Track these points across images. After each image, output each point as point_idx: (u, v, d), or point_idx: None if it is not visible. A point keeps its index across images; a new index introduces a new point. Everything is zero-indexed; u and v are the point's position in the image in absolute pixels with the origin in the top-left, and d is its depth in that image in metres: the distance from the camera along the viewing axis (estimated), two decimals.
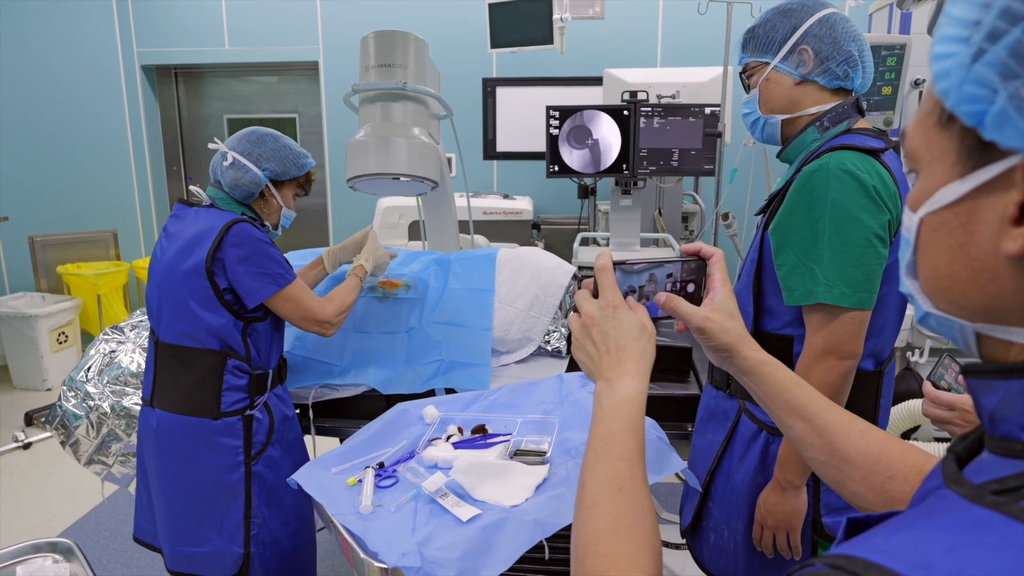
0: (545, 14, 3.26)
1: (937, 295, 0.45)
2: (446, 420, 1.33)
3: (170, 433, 1.58)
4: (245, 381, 1.58)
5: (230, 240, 1.50)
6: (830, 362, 1.16)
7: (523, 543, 0.95)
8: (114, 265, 4.61)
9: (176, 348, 1.56)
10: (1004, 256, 0.39)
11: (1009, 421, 0.41)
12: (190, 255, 1.51)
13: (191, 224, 1.57)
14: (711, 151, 2.84)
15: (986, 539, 0.34)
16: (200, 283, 1.51)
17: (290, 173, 1.67)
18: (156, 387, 1.61)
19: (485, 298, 2.00)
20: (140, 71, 4.74)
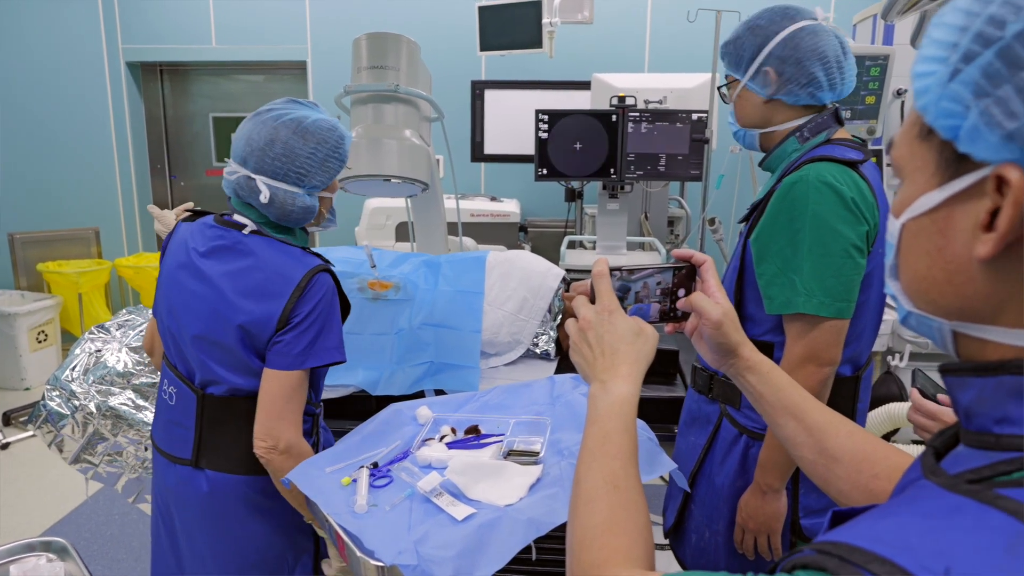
0: (534, 18, 3.28)
1: (917, 296, 0.48)
2: (439, 421, 1.34)
3: (229, 495, 1.34)
4: (309, 425, 1.38)
5: (312, 294, 1.25)
6: (810, 369, 1.20)
7: (518, 541, 0.96)
8: (96, 263, 4.56)
9: (234, 401, 1.31)
10: (976, 259, 0.42)
11: (983, 416, 0.44)
12: (259, 304, 1.24)
13: (256, 264, 1.27)
14: (698, 156, 2.88)
15: (962, 523, 0.37)
16: (268, 335, 1.25)
17: (337, 172, 1.33)
18: (203, 445, 1.33)
19: (474, 300, 2.02)
20: (125, 68, 4.70)
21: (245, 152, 1.27)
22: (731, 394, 1.35)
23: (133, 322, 2.22)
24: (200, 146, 5.06)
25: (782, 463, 1.24)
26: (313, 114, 1.30)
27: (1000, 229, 0.40)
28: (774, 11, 1.29)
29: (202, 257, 1.30)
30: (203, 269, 1.29)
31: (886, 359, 2.88)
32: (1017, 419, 0.41)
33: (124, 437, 1.99)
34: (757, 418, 1.31)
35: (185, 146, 5.07)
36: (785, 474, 1.26)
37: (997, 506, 0.37)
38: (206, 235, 1.33)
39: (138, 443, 1.97)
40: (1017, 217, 0.40)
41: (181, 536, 1.41)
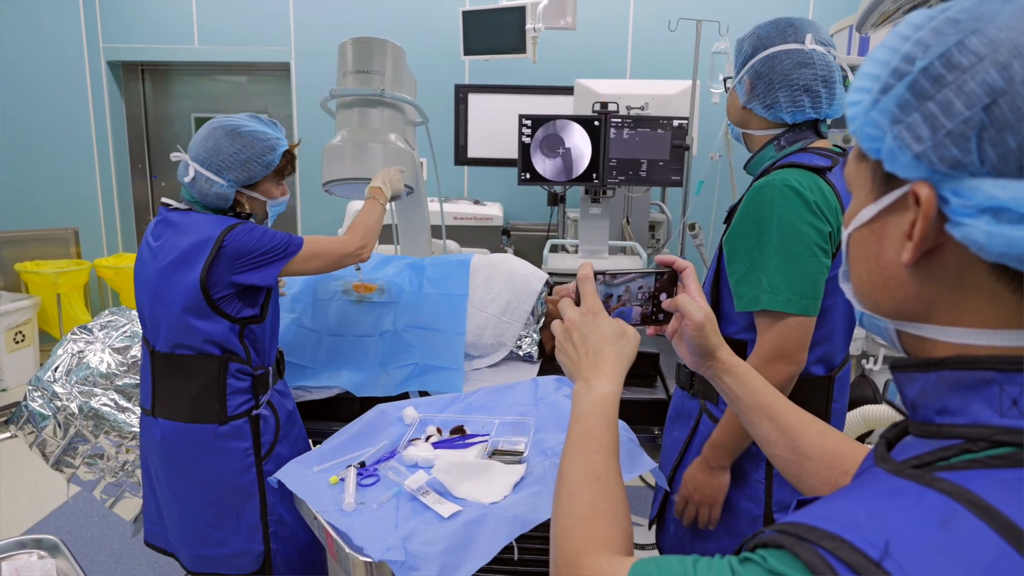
0: (518, 23, 3.31)
1: (863, 298, 0.54)
2: (425, 421, 1.36)
3: (176, 442, 1.55)
4: (248, 383, 1.57)
5: (225, 253, 1.47)
6: (778, 366, 1.24)
7: (502, 538, 0.99)
8: (75, 264, 4.51)
9: (174, 357, 1.53)
10: (904, 265, 0.48)
11: (927, 407, 0.48)
12: (186, 268, 1.47)
13: (184, 233, 1.51)
14: (679, 162, 2.93)
15: (903, 503, 0.41)
16: (195, 297, 1.48)
17: (257, 173, 1.56)
18: (156, 396, 1.58)
19: (459, 303, 2.04)
20: (106, 67, 4.66)
21: (190, 143, 1.58)
22: (710, 390, 1.39)
23: (116, 323, 2.21)
24: (181, 146, 5.00)
25: (733, 446, 1.30)
26: (257, 126, 1.57)
27: (915, 238, 0.46)
28: (778, 24, 1.34)
29: (152, 233, 1.58)
30: (150, 243, 1.56)
31: (860, 363, 2.95)
32: (956, 410, 0.46)
33: (106, 439, 1.98)
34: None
35: (166, 146, 5.03)
36: (734, 455, 1.32)
37: (934, 487, 0.41)
38: (162, 218, 1.59)
39: (119, 445, 1.97)
40: (927, 228, 0.45)
41: (154, 478, 1.65)
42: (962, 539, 0.38)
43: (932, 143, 0.44)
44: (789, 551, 0.41)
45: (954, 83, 0.43)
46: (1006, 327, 0.45)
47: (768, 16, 1.35)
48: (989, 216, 0.42)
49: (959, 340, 0.47)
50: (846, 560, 0.38)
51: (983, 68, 0.42)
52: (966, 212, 0.43)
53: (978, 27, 0.43)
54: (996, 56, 0.42)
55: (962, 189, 0.43)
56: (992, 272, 0.44)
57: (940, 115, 0.43)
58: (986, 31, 0.43)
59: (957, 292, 0.46)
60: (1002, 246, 0.41)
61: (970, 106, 0.42)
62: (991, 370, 0.44)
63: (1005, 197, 0.41)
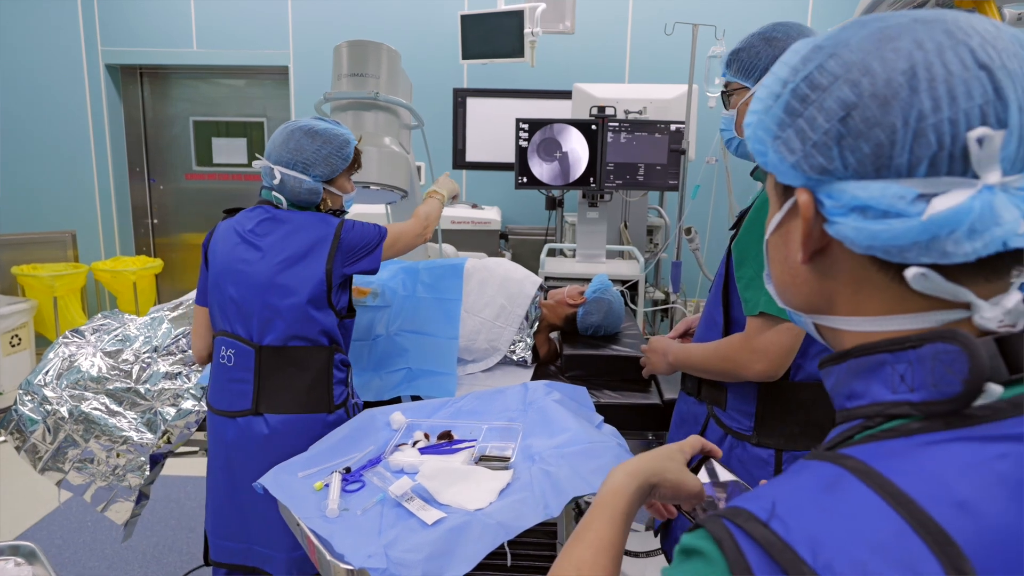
0: (516, 27, 3.31)
1: (780, 296, 0.59)
2: (413, 426, 1.35)
3: (287, 434, 1.57)
4: (345, 374, 1.65)
5: (342, 247, 1.59)
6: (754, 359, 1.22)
7: (486, 545, 0.97)
8: (72, 267, 4.51)
9: (288, 350, 1.58)
10: (800, 264, 0.53)
11: (839, 395, 0.53)
12: (309, 261, 1.57)
13: (298, 229, 1.60)
14: (676, 167, 2.92)
15: (800, 474, 0.47)
16: (320, 288, 1.56)
17: (338, 168, 1.64)
18: (262, 393, 1.58)
19: (452, 307, 2.03)
20: (104, 70, 4.66)
21: (269, 148, 1.62)
22: (717, 395, 1.38)
23: (108, 327, 2.20)
24: (180, 150, 5.02)
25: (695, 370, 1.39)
26: (326, 124, 1.64)
27: (801, 239, 0.52)
28: (788, 26, 1.32)
29: (252, 232, 1.61)
30: (255, 241, 1.60)
31: None
32: (860, 393, 0.51)
33: (96, 443, 1.97)
34: (741, 419, 1.34)
35: (164, 149, 5.04)
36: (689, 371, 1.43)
37: (829, 459, 0.46)
38: (250, 216, 1.64)
39: (109, 449, 1.96)
40: (808, 229, 0.51)
41: (241, 483, 1.58)
42: (843, 498, 0.42)
43: (803, 153, 0.50)
44: (704, 527, 0.46)
45: (816, 101, 0.49)
46: (893, 313, 0.49)
47: (765, 20, 1.34)
48: (857, 214, 0.47)
49: (859, 328, 0.52)
50: (741, 524, 0.43)
51: (838, 86, 0.48)
52: (838, 212, 0.48)
53: (835, 51, 0.49)
54: (848, 75, 0.47)
55: (832, 192, 0.49)
56: (872, 264, 0.49)
57: (807, 129, 0.49)
58: (841, 54, 0.49)
59: (850, 285, 0.51)
60: (867, 239, 0.46)
61: (829, 119, 0.48)
62: (884, 352, 0.49)
63: (865, 196, 0.46)
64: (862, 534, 0.40)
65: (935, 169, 0.44)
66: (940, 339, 0.45)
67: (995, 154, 0.43)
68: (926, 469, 0.42)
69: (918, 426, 0.46)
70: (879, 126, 0.46)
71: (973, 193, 0.43)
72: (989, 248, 0.44)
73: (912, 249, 0.45)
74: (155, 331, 2.16)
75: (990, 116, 0.44)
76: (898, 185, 0.45)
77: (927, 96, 0.44)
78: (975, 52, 0.45)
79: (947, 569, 0.38)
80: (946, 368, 0.45)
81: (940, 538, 0.39)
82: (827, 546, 0.40)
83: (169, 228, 5.18)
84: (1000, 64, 0.45)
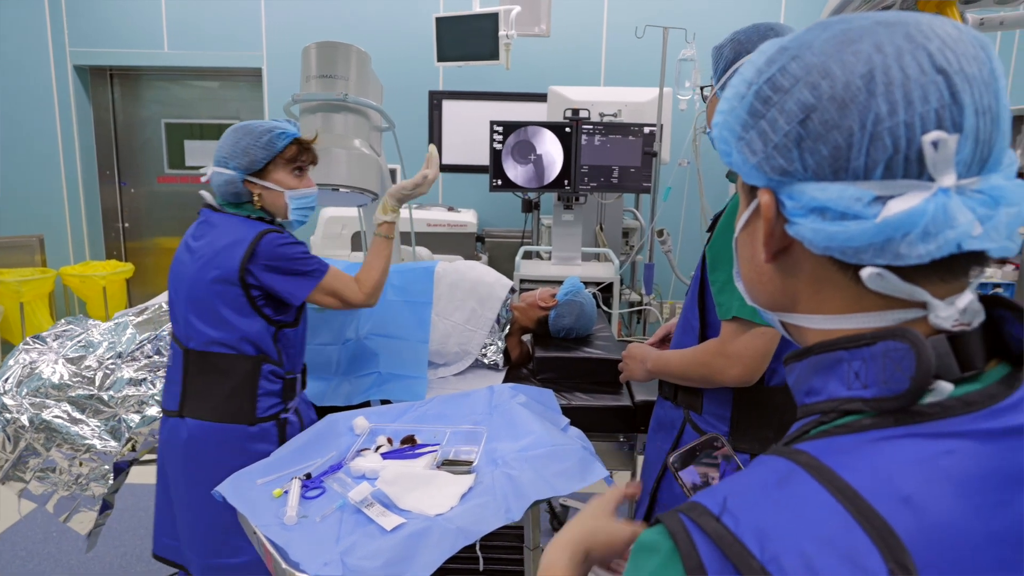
0: (491, 30, 3.30)
1: (749, 294, 0.60)
2: (376, 431, 1.33)
3: (204, 442, 1.55)
4: (279, 386, 1.58)
5: (259, 255, 1.51)
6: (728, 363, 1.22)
7: (445, 550, 0.96)
8: (39, 272, 4.42)
9: (209, 355, 1.55)
10: (764, 263, 0.54)
11: (800, 392, 0.54)
12: (222, 264, 1.51)
13: (221, 234, 1.56)
14: (649, 169, 2.93)
15: (755, 470, 0.48)
16: (234, 291, 1.51)
17: (259, 158, 1.57)
18: (186, 396, 1.58)
19: (423, 311, 2.01)
20: (72, 71, 4.59)
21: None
22: (693, 400, 1.38)
23: (71, 332, 2.16)
24: (152, 152, 4.95)
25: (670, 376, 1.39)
26: (265, 121, 1.60)
27: (763, 238, 0.52)
28: (759, 28, 1.32)
29: (191, 235, 1.62)
30: (189, 243, 1.60)
31: None
32: (818, 389, 0.51)
33: (58, 452, 1.92)
34: (717, 424, 1.34)
35: (136, 152, 4.96)
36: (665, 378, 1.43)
37: (783, 455, 0.47)
38: (202, 219, 1.64)
39: (72, 458, 1.91)
40: (770, 229, 0.52)
41: (171, 483, 1.62)
42: (792, 493, 0.43)
43: (764, 155, 0.50)
44: (662, 522, 0.46)
45: (778, 103, 0.49)
46: (852, 311, 0.50)
47: (739, 24, 1.34)
48: (816, 215, 0.47)
49: (821, 326, 0.52)
50: (695, 519, 0.44)
51: (798, 89, 0.48)
52: (798, 213, 0.49)
53: (798, 54, 0.49)
54: (808, 78, 0.48)
55: (793, 193, 0.49)
56: (832, 264, 0.49)
57: (769, 131, 0.50)
58: (804, 56, 0.49)
59: (811, 284, 0.52)
60: (824, 240, 0.47)
61: (789, 122, 0.48)
62: (841, 350, 0.49)
63: (824, 198, 0.47)
64: (809, 527, 0.41)
65: (891, 172, 0.45)
66: (892, 337, 0.46)
67: (950, 157, 0.44)
68: (873, 465, 0.43)
69: (870, 422, 0.46)
70: (837, 129, 0.46)
71: (928, 196, 0.44)
72: (943, 250, 0.44)
73: (867, 251, 0.46)
74: (119, 336, 2.12)
75: (946, 120, 0.44)
76: (855, 187, 0.46)
77: (884, 100, 0.45)
78: (933, 56, 0.45)
79: (888, 561, 0.38)
80: (895, 365, 0.46)
81: (883, 531, 0.39)
82: (774, 539, 0.41)
83: (141, 232, 5.10)
84: (958, 68, 0.45)
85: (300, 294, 1.56)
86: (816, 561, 0.39)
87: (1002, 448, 0.44)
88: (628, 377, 1.61)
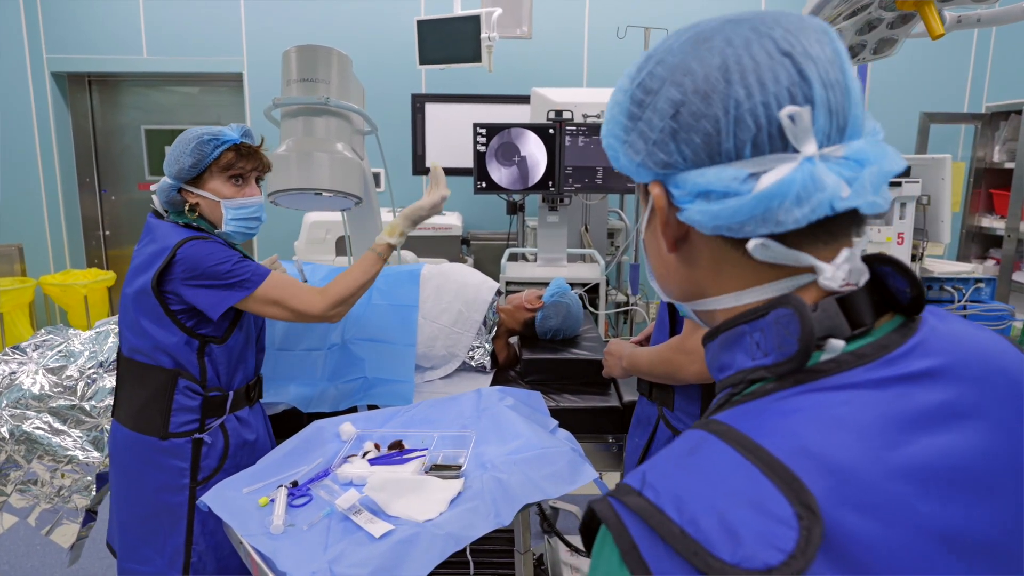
0: (473, 32, 3.30)
1: (661, 289, 0.63)
2: (363, 437, 1.32)
3: (123, 447, 1.55)
4: (197, 403, 1.51)
5: (176, 264, 1.44)
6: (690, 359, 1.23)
7: (435, 556, 0.95)
8: (19, 281, 4.36)
9: (132, 362, 1.53)
10: (668, 254, 0.57)
11: (714, 369, 0.57)
12: (145, 272, 1.47)
13: (150, 241, 1.52)
14: None
15: (674, 444, 0.50)
16: (151, 301, 1.46)
17: (187, 165, 1.51)
18: (117, 399, 1.59)
19: (409, 314, 2.00)
20: (50, 78, 4.52)
21: None
22: (666, 396, 1.39)
23: (52, 342, 2.12)
24: (132, 159, 4.90)
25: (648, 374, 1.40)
26: (205, 127, 1.58)
27: (660, 229, 0.56)
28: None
29: (140, 241, 1.56)
30: (136, 249, 1.56)
31: None
32: (727, 364, 0.55)
33: (39, 464, 1.89)
34: (687, 420, 1.35)
35: (115, 159, 4.91)
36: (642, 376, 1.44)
37: (699, 427, 0.49)
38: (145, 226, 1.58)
39: (54, 469, 1.88)
40: (664, 218, 0.55)
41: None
42: (704, 457, 0.46)
43: (646, 152, 0.54)
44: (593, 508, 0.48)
45: (651, 104, 0.53)
46: (751, 286, 0.53)
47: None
48: (702, 199, 0.51)
49: (726, 305, 0.55)
50: (620, 497, 0.46)
51: (666, 88, 0.52)
52: (685, 200, 0.52)
53: (662, 58, 0.54)
54: (672, 77, 0.52)
55: (678, 182, 0.53)
56: (725, 243, 0.53)
57: (647, 130, 0.54)
58: (665, 60, 0.53)
59: (712, 267, 0.55)
60: (711, 219, 0.50)
61: (663, 118, 0.52)
62: (743, 324, 0.53)
63: (704, 182, 0.50)
64: (719, 485, 0.43)
65: (759, 149, 0.49)
66: (780, 305, 0.50)
67: (807, 127, 0.48)
68: (775, 422, 0.46)
69: (772, 386, 0.50)
70: (705, 118, 0.50)
71: (795, 166, 0.48)
72: (816, 212, 0.48)
73: (750, 223, 0.49)
74: (101, 346, 2.09)
75: (797, 96, 0.49)
76: (731, 168, 0.50)
77: (740, 85, 0.49)
78: (777, 42, 0.50)
79: (793, 503, 0.41)
80: (785, 330, 0.49)
81: (787, 478, 0.42)
82: (689, 502, 0.43)
83: (122, 239, 5.04)
84: (802, 50, 0.50)
85: (219, 307, 1.46)
86: (729, 515, 0.41)
87: (895, 394, 0.47)
88: (608, 373, 1.63)
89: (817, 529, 0.40)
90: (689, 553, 0.41)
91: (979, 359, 0.51)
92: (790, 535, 0.40)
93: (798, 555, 0.39)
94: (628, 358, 1.46)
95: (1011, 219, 3.74)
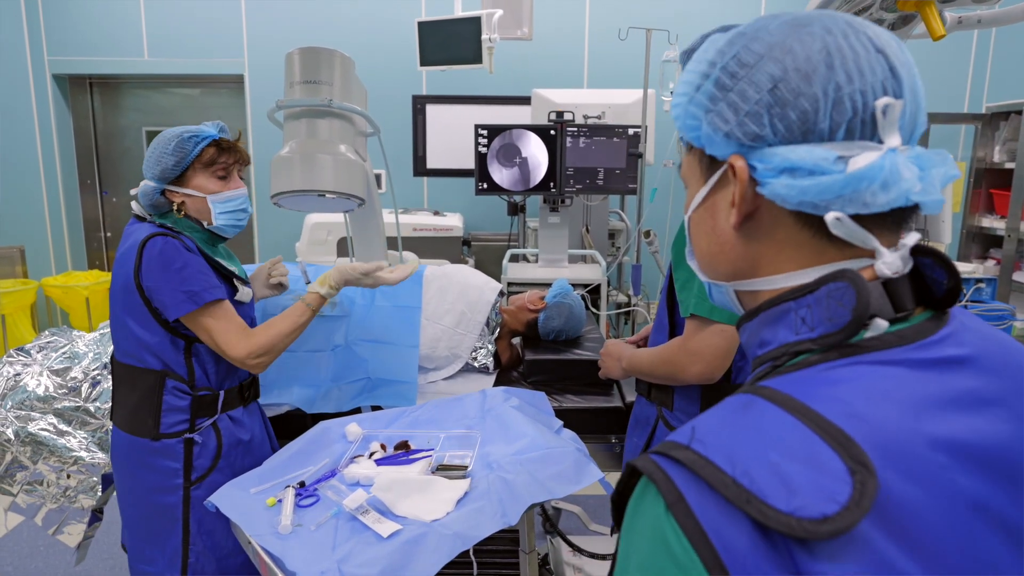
0: (474, 34, 3.30)
1: (705, 268, 0.64)
2: (369, 437, 1.33)
3: (120, 450, 1.56)
4: (187, 403, 1.51)
5: (144, 256, 1.44)
6: (690, 361, 1.24)
7: (443, 556, 0.96)
8: (21, 283, 4.36)
9: (123, 365, 1.54)
10: (732, 229, 0.58)
11: (752, 346, 0.59)
12: (121, 271, 1.48)
13: (124, 241, 1.54)
14: (634, 170, 2.95)
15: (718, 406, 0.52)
16: (134, 299, 1.45)
17: (170, 165, 1.49)
18: (114, 403, 1.61)
19: (412, 315, 2.01)
20: (51, 80, 4.53)
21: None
22: (665, 397, 1.40)
23: (56, 344, 2.13)
24: (132, 161, 4.91)
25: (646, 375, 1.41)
26: (182, 127, 1.55)
27: (736, 202, 0.56)
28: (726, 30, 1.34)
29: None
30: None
31: None
32: (769, 340, 0.56)
33: (45, 464, 1.90)
34: (686, 421, 1.35)
35: (116, 161, 4.91)
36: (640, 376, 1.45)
37: (743, 391, 0.52)
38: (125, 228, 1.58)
39: (60, 470, 1.89)
40: (744, 192, 0.56)
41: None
42: (754, 415, 0.47)
43: (736, 123, 0.55)
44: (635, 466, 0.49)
45: (746, 76, 0.55)
46: (809, 266, 0.55)
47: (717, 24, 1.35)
48: (787, 175, 0.53)
49: (777, 286, 0.57)
50: (664, 452, 0.47)
51: (764, 63, 0.54)
52: (769, 174, 0.54)
53: (757, 36, 0.56)
54: (771, 54, 0.54)
55: (764, 156, 0.54)
56: (796, 223, 0.55)
57: (739, 101, 0.55)
58: (763, 38, 0.55)
59: (774, 245, 0.57)
60: (797, 195, 0.52)
61: (759, 91, 0.54)
62: (788, 301, 0.55)
63: (794, 158, 0.52)
64: (771, 441, 0.45)
65: (851, 134, 0.52)
66: (833, 279, 0.52)
67: (895, 121, 0.51)
68: (825, 389, 0.48)
69: (817, 358, 0.52)
70: (804, 96, 0.52)
71: (881, 154, 0.51)
72: (897, 201, 0.51)
73: (837, 202, 0.51)
74: (105, 347, 2.09)
75: (889, 90, 0.52)
76: (822, 148, 0.52)
77: (841, 70, 0.52)
78: (872, 39, 0.53)
79: (847, 460, 0.42)
80: (837, 303, 0.51)
81: (840, 437, 0.43)
82: (741, 455, 0.44)
83: None
84: (894, 51, 0.53)
85: (173, 310, 1.43)
86: (783, 467, 0.42)
87: (931, 376, 0.49)
88: (606, 374, 1.63)
89: (871, 483, 0.41)
90: (742, 502, 0.42)
91: (1002, 355, 0.53)
92: (844, 488, 0.41)
93: (852, 507, 0.40)
94: (628, 359, 1.46)
95: (1011, 219, 3.75)
